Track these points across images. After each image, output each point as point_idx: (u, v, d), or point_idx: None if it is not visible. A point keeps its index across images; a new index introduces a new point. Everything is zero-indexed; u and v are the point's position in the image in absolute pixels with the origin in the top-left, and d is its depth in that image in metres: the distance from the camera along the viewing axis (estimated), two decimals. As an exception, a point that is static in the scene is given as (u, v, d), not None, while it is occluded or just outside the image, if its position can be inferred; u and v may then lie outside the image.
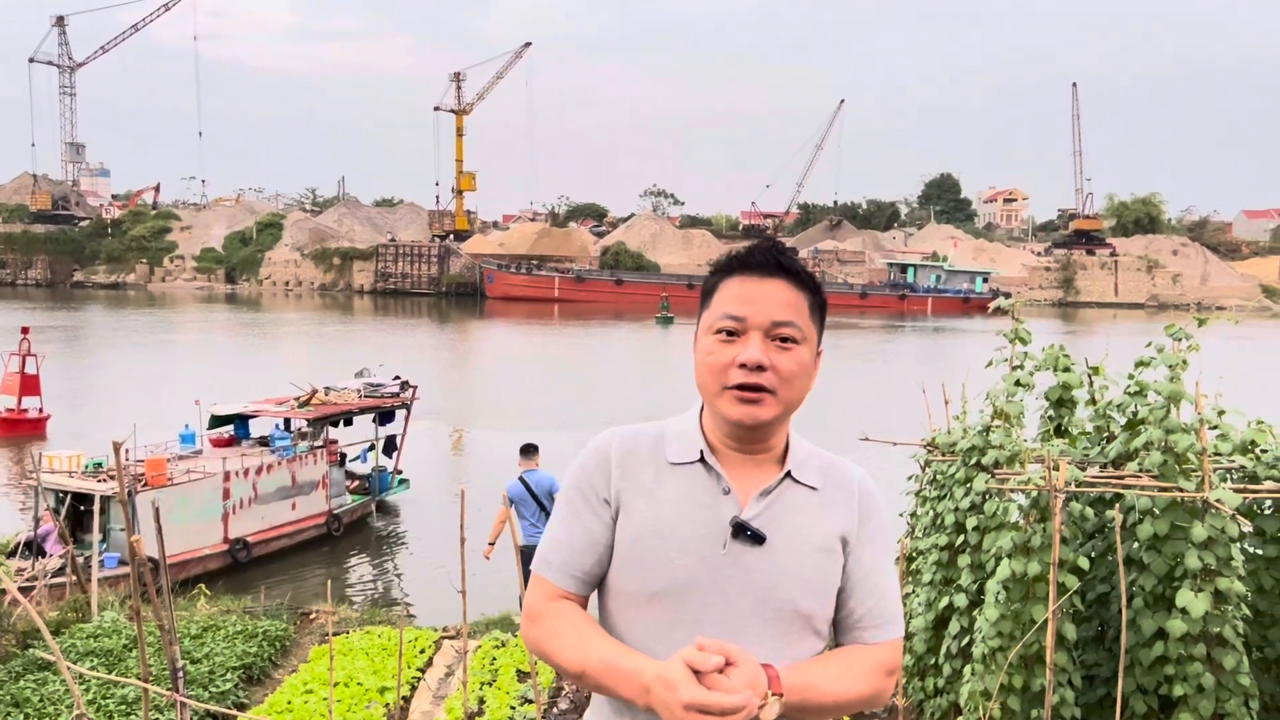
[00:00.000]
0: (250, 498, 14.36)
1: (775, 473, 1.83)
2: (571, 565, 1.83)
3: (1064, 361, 4.73)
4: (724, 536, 1.76)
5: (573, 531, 1.84)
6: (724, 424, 1.81)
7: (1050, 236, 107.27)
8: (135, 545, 3.69)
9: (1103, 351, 4.98)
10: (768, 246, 1.83)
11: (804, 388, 1.82)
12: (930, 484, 5.71)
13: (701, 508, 1.78)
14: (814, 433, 2.00)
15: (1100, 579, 4.44)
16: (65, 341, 41.00)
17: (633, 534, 1.79)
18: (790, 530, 1.79)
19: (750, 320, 1.77)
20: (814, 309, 1.84)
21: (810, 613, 1.79)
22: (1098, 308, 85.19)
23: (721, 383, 1.77)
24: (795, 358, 1.78)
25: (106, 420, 19.46)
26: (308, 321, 58.95)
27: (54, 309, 62.38)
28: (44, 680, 6.75)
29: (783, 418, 1.82)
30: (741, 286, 1.79)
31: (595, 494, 1.83)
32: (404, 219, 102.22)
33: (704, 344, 1.82)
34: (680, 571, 1.75)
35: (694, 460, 1.82)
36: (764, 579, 1.76)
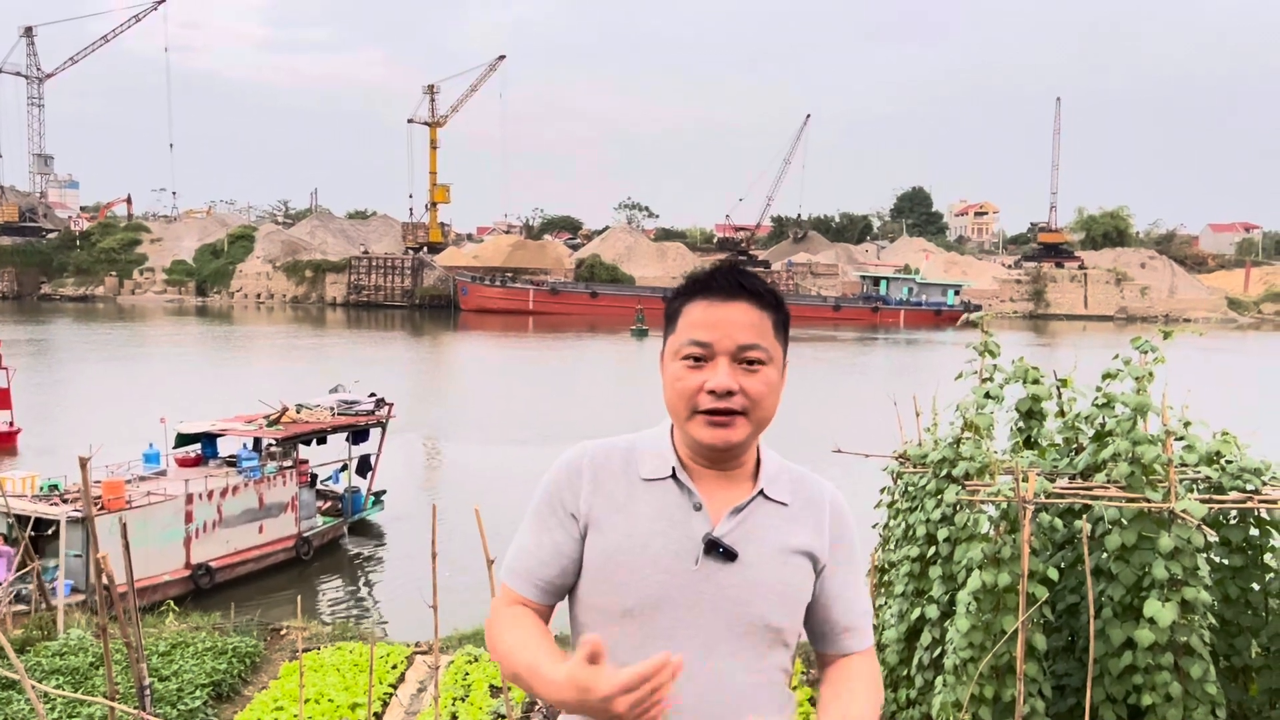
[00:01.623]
0: (214, 521, 13.86)
1: (747, 489, 1.86)
2: (534, 574, 1.85)
3: (1033, 374, 4.79)
4: (696, 553, 1.78)
5: (539, 542, 1.85)
6: (695, 444, 1.83)
7: (1021, 250, 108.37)
8: (102, 561, 3.64)
9: (1071, 364, 5.04)
10: (729, 269, 1.85)
11: (773, 406, 1.85)
12: (902, 496, 5.74)
13: (674, 524, 1.79)
14: (787, 445, 2.01)
15: (1070, 589, 4.48)
16: (33, 355, 40.46)
17: (605, 550, 1.80)
18: (761, 546, 1.81)
19: (717, 345, 1.78)
20: (778, 327, 1.85)
21: (781, 626, 1.82)
22: (1068, 320, 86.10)
23: (691, 407, 1.79)
24: (763, 379, 1.80)
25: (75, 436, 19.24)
26: (280, 335, 58.52)
27: (21, 322, 61.55)
28: (8, 700, 6.63)
29: (753, 437, 1.84)
30: (705, 311, 1.80)
31: (564, 508, 1.84)
32: (377, 231, 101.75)
33: (671, 370, 1.82)
34: (653, 588, 1.77)
35: (666, 476, 1.83)
36: (736, 595, 1.78)
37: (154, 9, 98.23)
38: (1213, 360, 41.59)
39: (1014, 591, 4.09)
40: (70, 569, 11.90)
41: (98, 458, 12.97)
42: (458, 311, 78.75)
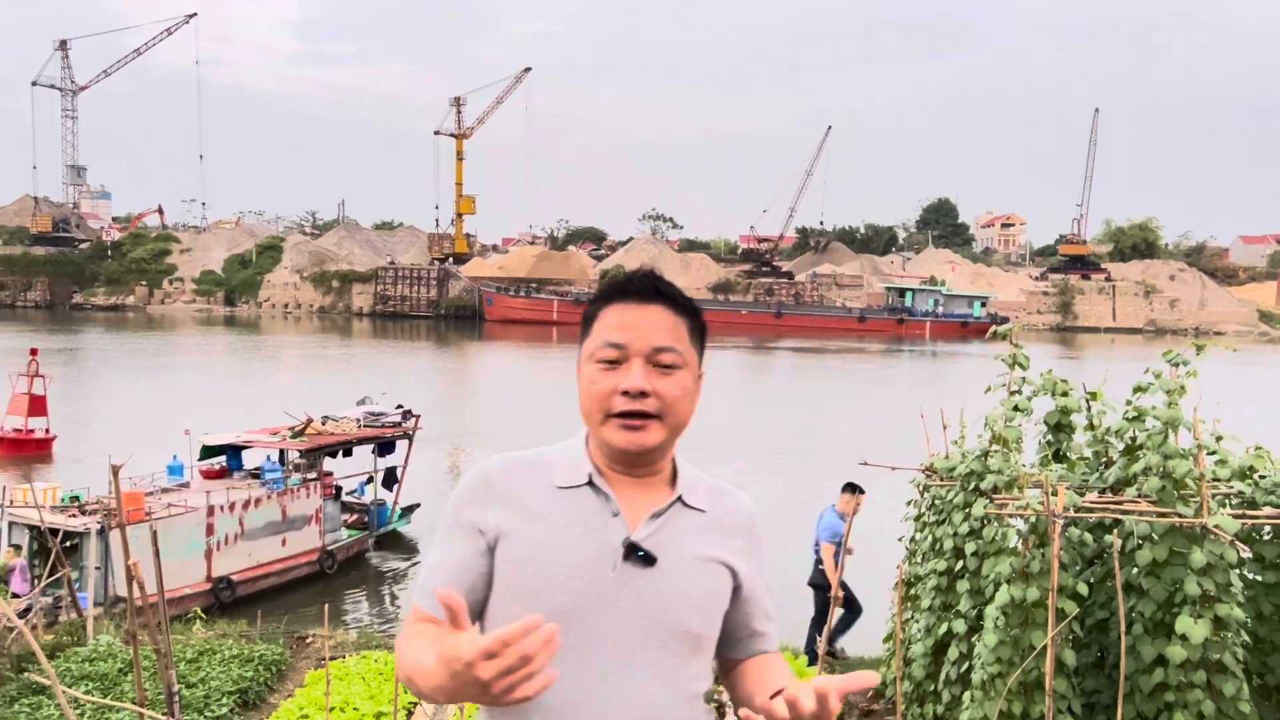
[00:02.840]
0: (236, 533, 13.72)
1: (665, 495, 1.84)
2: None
3: (1062, 387, 4.75)
4: (614, 559, 1.75)
5: (446, 558, 1.82)
6: (610, 449, 1.81)
7: (1048, 261, 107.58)
8: (133, 569, 3.67)
9: (1101, 376, 4.99)
10: (645, 274, 1.85)
11: (687, 411, 1.83)
12: (929, 509, 5.70)
13: (590, 531, 1.77)
14: (814, 457, 2.01)
15: (1099, 605, 4.43)
16: (64, 365, 40.96)
17: (517, 560, 1.77)
18: (680, 552, 1.80)
19: (631, 347, 1.77)
20: (693, 333, 1.85)
21: (700, 633, 1.81)
22: (1095, 333, 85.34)
23: (605, 410, 1.77)
24: (677, 382, 1.79)
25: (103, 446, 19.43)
26: (307, 345, 58.97)
27: (54, 331, 62.37)
28: (38, 705, 6.71)
29: (668, 442, 1.82)
30: (621, 314, 1.80)
31: (470, 522, 1.81)
32: (403, 242, 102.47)
33: (586, 372, 1.81)
34: (568, 596, 1.74)
35: (582, 484, 1.81)
36: (655, 601, 1.76)
37: (185, 23, 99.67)
38: (1245, 374, 41.09)
39: (1043, 606, 4.05)
40: (87, 581, 11.79)
41: (124, 468, 13.03)
42: (482, 322, 79.10)
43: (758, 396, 40.99)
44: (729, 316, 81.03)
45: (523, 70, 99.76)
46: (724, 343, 66.53)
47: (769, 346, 65.22)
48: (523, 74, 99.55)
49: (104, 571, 11.75)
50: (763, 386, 44.92)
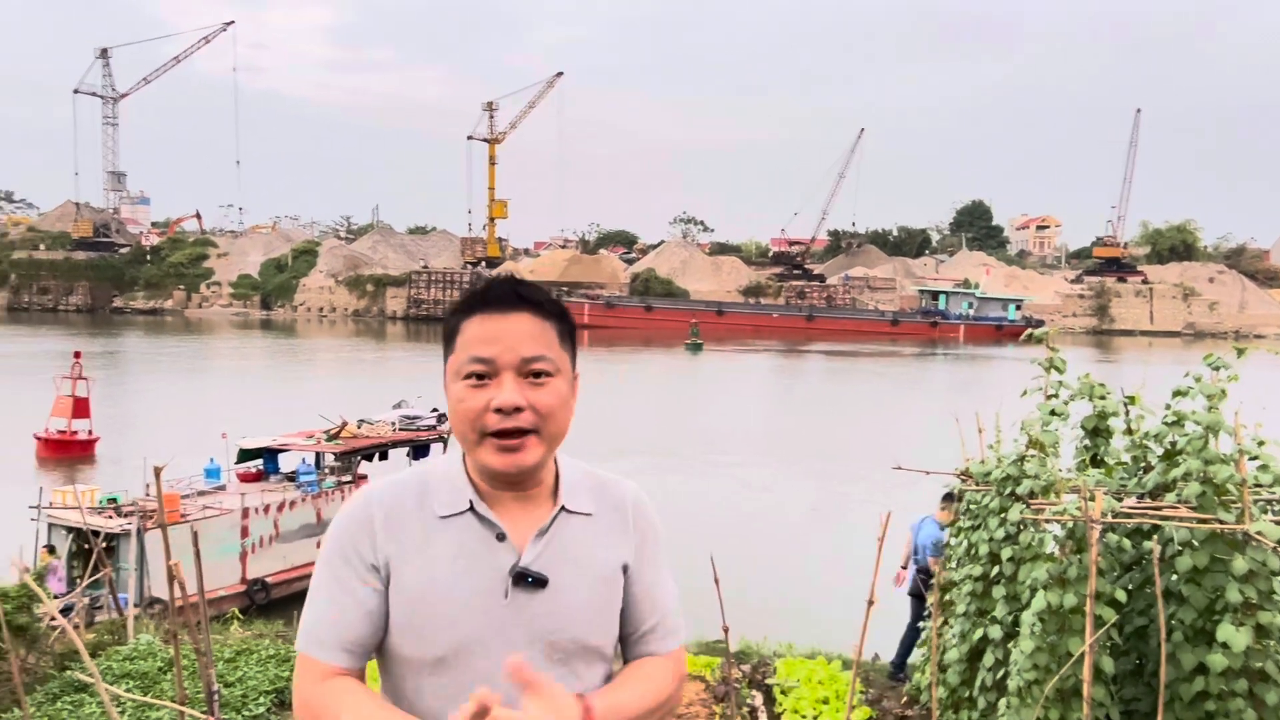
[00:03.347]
0: (271, 536, 13.80)
1: (548, 509, 1.76)
2: (342, 639, 1.70)
3: (1099, 390, 4.70)
4: (504, 586, 1.69)
5: (339, 604, 1.71)
6: (488, 470, 1.73)
7: (1084, 264, 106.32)
8: (174, 569, 3.73)
9: (1139, 380, 4.94)
10: (505, 280, 1.76)
11: (565, 419, 1.76)
12: (964, 514, 5.67)
13: (477, 560, 1.70)
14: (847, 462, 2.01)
15: (1138, 612, 4.38)
16: (104, 368, 41.60)
17: (408, 599, 1.69)
18: (572, 566, 1.74)
19: (499, 360, 1.69)
20: (563, 337, 1.77)
21: (598, 645, 1.76)
22: (1133, 336, 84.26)
23: (479, 429, 1.69)
24: (552, 391, 1.72)
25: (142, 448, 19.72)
26: (343, 348, 59.52)
27: (95, 335, 63.37)
28: (80, 702, 6.81)
29: (548, 456, 1.76)
30: (484, 325, 1.71)
31: (360, 559, 1.71)
32: (437, 246, 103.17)
33: (454, 391, 1.72)
34: (463, 630, 1.67)
35: (464, 511, 1.73)
36: (549, 623, 1.71)
37: (223, 30, 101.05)
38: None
39: (1080, 613, 4.01)
40: (125, 582, 11.99)
41: (148, 472, 13.14)
42: (514, 325, 79.29)
43: (789, 401, 40.85)
44: (760, 320, 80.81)
45: (554, 75, 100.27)
46: (755, 346, 66.37)
47: (800, 350, 64.97)
48: (554, 79, 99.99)
49: (140, 572, 11.90)
50: (794, 390, 44.76)
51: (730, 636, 4.20)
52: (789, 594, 13.56)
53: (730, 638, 4.21)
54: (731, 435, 28.64)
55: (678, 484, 20.48)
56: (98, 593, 11.28)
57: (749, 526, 17.72)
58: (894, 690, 7.46)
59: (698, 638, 8.63)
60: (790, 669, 7.34)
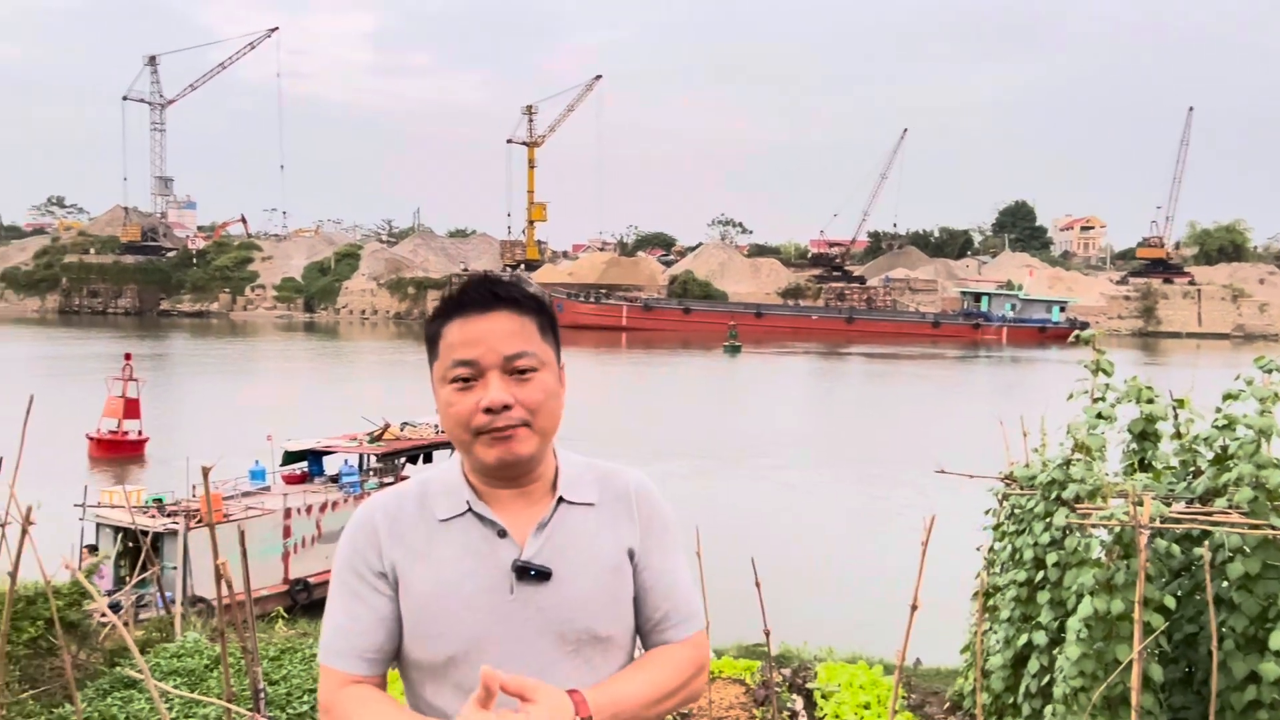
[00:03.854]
0: (313, 536, 13.89)
1: (548, 502, 1.78)
2: (358, 648, 1.75)
3: (1147, 393, 4.63)
4: (509, 582, 1.71)
5: (354, 613, 1.76)
6: (484, 466, 1.75)
7: (1129, 265, 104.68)
8: (222, 568, 3.79)
9: (1188, 383, 4.86)
10: (480, 279, 1.79)
11: (556, 412, 1.78)
12: (1008, 518, 5.61)
13: (480, 558, 1.72)
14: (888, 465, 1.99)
15: (1187, 619, 4.31)
16: (152, 370, 42.35)
17: (416, 603, 1.72)
18: (575, 556, 1.75)
19: (482, 360, 1.71)
20: (544, 330, 1.78)
21: (610, 634, 1.76)
22: (1180, 338, 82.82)
23: (471, 431, 1.71)
24: (538, 385, 1.73)
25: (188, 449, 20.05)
26: (385, 351, 60.11)
27: (143, 337, 64.53)
28: (130, 698, 6.93)
29: (542, 447, 1.77)
30: (463, 329, 1.73)
31: (369, 569, 1.75)
32: (476, 249, 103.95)
33: (442, 396, 1.75)
34: (471, 629, 1.70)
35: (463, 512, 1.75)
36: (558, 614, 1.72)
37: (266, 37, 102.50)
38: (1340, 380, 39.45)
39: (1128, 619, 3.95)
40: (169, 582, 12.08)
41: (189, 473, 13.28)
42: (553, 327, 79.57)
43: (829, 403, 40.62)
44: (799, 322, 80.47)
45: (593, 78, 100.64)
46: (794, 348, 66.09)
47: (840, 352, 64.60)
48: (593, 82, 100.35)
49: (183, 571, 12.08)
50: (834, 393, 44.50)
51: (771, 640, 4.19)
52: (830, 598, 13.49)
53: (771, 641, 4.20)
54: (771, 438, 28.54)
55: (718, 487, 20.43)
56: (143, 591, 11.48)
57: (789, 530, 17.65)
58: (936, 696, 7.40)
59: (738, 641, 8.61)
60: (831, 673, 7.30)
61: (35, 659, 6.84)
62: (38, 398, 6.15)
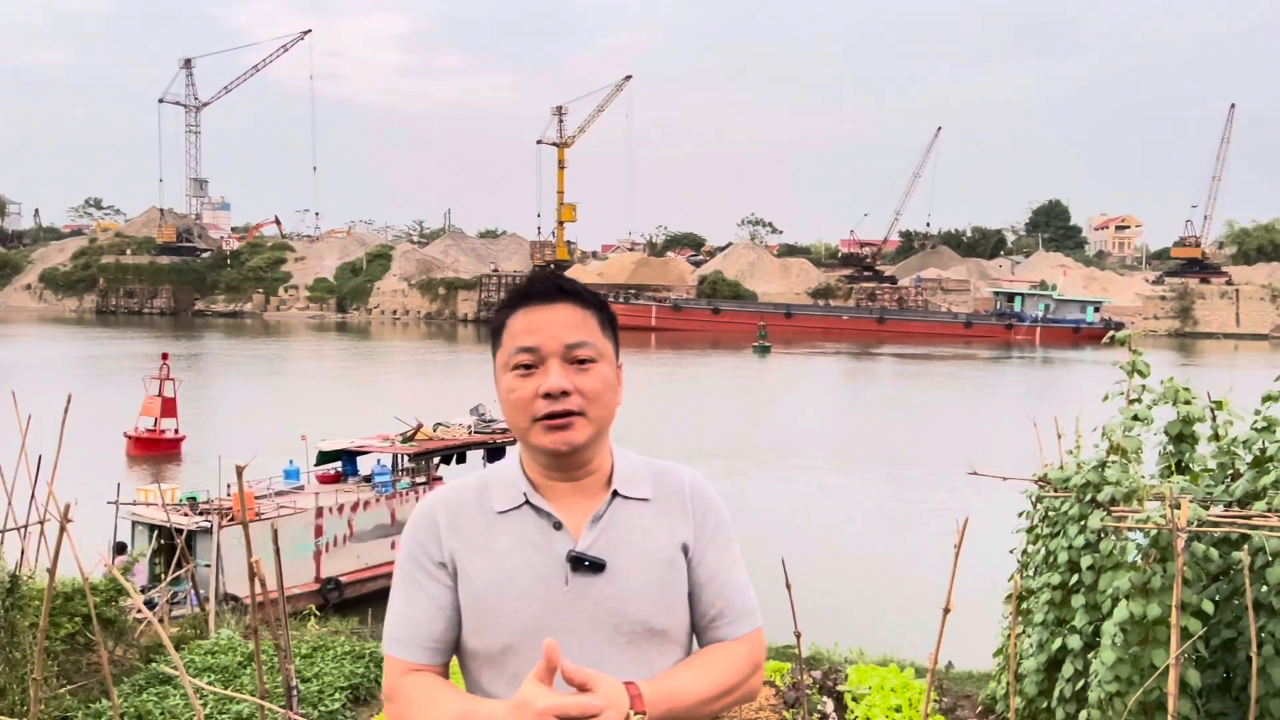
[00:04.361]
0: (345, 535, 13.92)
1: (603, 495, 1.82)
2: (419, 637, 1.79)
3: (1184, 395, 4.56)
4: (564, 573, 1.74)
5: (415, 602, 1.80)
6: (542, 456, 1.80)
7: (1165, 265, 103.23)
8: (255, 566, 3.82)
9: (1226, 385, 4.79)
10: (545, 275, 1.84)
11: (612, 403, 1.81)
12: (1042, 520, 5.55)
13: (537, 550, 1.76)
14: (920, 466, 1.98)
15: (1225, 624, 4.24)
16: (187, 370, 42.88)
17: (474, 593, 1.77)
18: (629, 549, 1.78)
19: (544, 348, 1.76)
20: (604, 325, 1.83)
21: (664, 628, 1.78)
22: (1217, 339, 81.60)
23: (529, 416, 1.76)
24: (597, 375, 1.78)
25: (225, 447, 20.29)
26: (417, 351, 60.49)
27: (178, 337, 65.35)
28: (164, 694, 7.02)
29: (597, 438, 1.80)
30: (527, 318, 1.78)
31: (430, 560, 1.80)
32: (507, 250, 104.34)
33: (504, 383, 1.80)
34: (527, 619, 1.73)
35: (520, 504, 1.80)
36: (612, 605, 1.75)
37: (300, 39, 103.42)
38: (1383, 382, 38.72)
39: (1164, 624, 3.90)
40: (202, 579, 12.14)
41: (222, 472, 13.37)
42: (583, 328, 79.71)
43: (860, 404, 40.41)
44: (830, 322, 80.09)
45: (623, 79, 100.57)
46: (824, 348, 65.81)
47: (871, 353, 64.24)
48: (623, 82, 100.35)
49: (215, 569, 12.18)
50: (865, 393, 44.27)
51: (801, 642, 4.17)
52: (861, 600, 13.41)
53: (801, 643, 4.18)
54: (801, 439, 28.43)
55: (748, 487, 20.38)
56: (176, 589, 11.61)
57: (820, 531, 17.58)
58: (968, 699, 7.34)
59: (768, 642, 8.57)
60: (862, 676, 7.25)
61: (73, 655, 6.94)
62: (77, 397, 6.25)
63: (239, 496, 12.91)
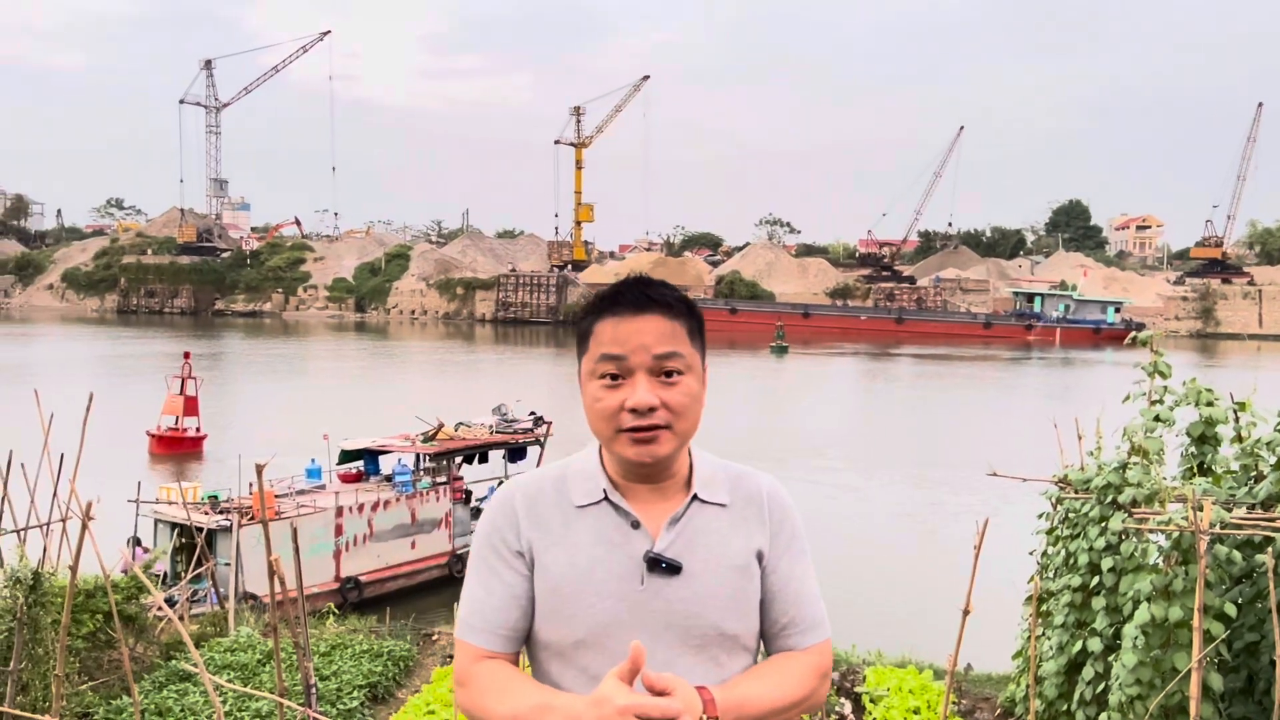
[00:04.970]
0: (365, 535, 13.92)
1: (682, 498, 1.82)
2: (493, 624, 1.80)
3: (1207, 396, 4.52)
4: (640, 572, 1.75)
5: (490, 589, 1.80)
6: (624, 462, 1.79)
7: (1186, 265, 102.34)
8: (274, 564, 3.85)
9: (1249, 386, 4.74)
10: (635, 281, 1.80)
11: (696, 415, 1.80)
12: (1062, 522, 5.51)
13: (614, 547, 1.76)
14: (940, 467, 1.97)
15: (1249, 627, 4.20)
16: (207, 369, 43.16)
17: (550, 585, 1.76)
18: (705, 553, 1.78)
19: (632, 359, 1.73)
20: (693, 334, 1.80)
21: (736, 633, 1.78)
22: (1240, 340, 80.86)
23: (614, 427, 1.75)
24: (684, 390, 1.76)
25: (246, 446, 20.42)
26: (436, 350, 60.67)
27: (199, 336, 65.78)
28: (185, 691, 7.06)
29: (680, 449, 1.80)
30: (616, 327, 1.76)
31: (507, 548, 1.80)
32: (524, 250, 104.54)
33: (590, 391, 1.78)
34: (601, 615, 1.73)
35: (599, 500, 1.79)
36: (685, 608, 1.75)
37: (319, 40, 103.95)
38: None
39: (1186, 627, 3.86)
40: (221, 577, 12.15)
41: (243, 472, 13.39)
42: (600, 328, 79.80)
43: (879, 404, 40.28)
44: (848, 322, 79.83)
45: (641, 79, 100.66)
46: (842, 349, 65.62)
47: (890, 353, 64.00)
48: (641, 82, 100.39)
49: (235, 568, 12.22)
50: (884, 394, 44.11)
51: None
52: (879, 601, 13.36)
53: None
54: (819, 439, 28.36)
55: (764, 488, 20.23)
56: (197, 586, 11.68)
57: (838, 531, 17.52)
58: (987, 701, 7.30)
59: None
60: (880, 677, 7.22)
61: (94, 651, 6.99)
62: (99, 397, 6.31)
63: (258, 495, 13.04)
